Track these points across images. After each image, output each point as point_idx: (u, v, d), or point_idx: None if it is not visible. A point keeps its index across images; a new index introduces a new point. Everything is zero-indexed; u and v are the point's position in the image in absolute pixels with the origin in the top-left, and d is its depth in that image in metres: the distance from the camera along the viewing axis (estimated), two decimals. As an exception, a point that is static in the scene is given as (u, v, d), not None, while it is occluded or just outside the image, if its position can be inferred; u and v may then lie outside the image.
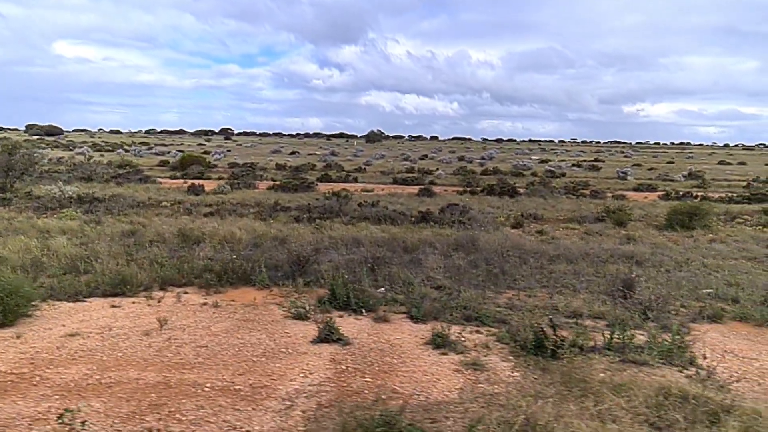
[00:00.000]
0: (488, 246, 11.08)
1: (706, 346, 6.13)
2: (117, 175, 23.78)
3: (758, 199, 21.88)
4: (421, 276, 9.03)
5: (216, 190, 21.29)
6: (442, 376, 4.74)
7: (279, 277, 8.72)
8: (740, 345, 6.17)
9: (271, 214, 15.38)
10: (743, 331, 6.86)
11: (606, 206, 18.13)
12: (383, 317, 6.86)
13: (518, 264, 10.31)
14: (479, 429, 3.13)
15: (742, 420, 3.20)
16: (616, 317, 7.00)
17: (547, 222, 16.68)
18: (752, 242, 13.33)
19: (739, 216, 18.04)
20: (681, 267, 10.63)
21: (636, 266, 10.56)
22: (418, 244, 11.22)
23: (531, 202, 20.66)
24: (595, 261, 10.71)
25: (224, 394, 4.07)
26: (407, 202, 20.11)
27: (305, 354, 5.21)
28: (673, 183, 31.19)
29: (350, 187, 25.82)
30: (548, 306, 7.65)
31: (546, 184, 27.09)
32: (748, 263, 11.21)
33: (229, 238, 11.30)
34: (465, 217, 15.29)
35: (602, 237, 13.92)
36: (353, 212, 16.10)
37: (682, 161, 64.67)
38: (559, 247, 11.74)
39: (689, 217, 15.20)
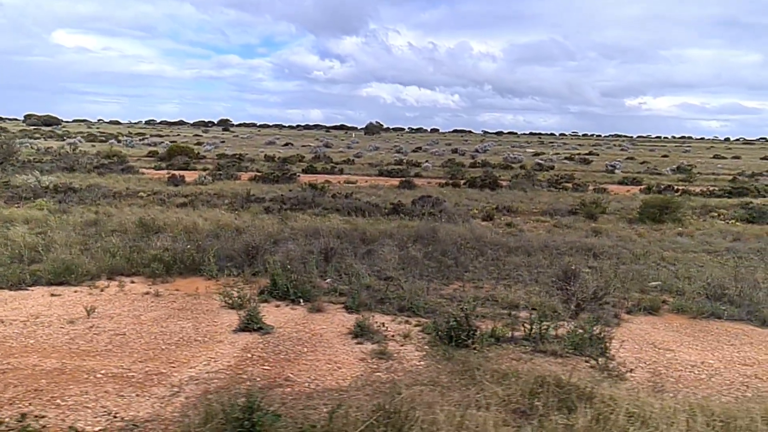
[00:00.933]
0: (447, 238, 11.12)
1: (631, 337, 6.20)
2: (100, 166, 23.82)
3: (739, 193, 21.87)
4: (372, 267, 9.09)
5: (196, 181, 21.32)
6: (345, 364, 4.80)
7: (230, 267, 8.78)
8: (665, 336, 6.22)
9: (243, 205, 15.42)
10: (676, 322, 6.91)
11: (582, 199, 18.13)
12: (319, 307, 6.93)
13: (475, 256, 10.37)
14: (339, 414, 3.19)
15: (596, 408, 3.25)
16: (551, 308, 7.05)
17: (520, 214, 16.72)
18: (718, 236, 13.36)
19: (715, 210, 18.05)
20: (638, 260, 10.68)
21: (592, 258, 10.63)
22: (378, 236, 11.26)
23: (510, 195, 20.67)
24: (552, 253, 10.77)
25: (114, 381, 4.15)
26: (385, 194, 20.14)
27: (220, 342, 5.28)
28: (659, 176, 31.15)
29: (334, 178, 25.86)
30: (489, 297, 7.71)
31: (531, 177, 27.08)
32: (707, 256, 11.25)
33: (191, 228, 11.36)
34: (436, 209, 15.33)
35: (570, 230, 13.96)
36: (326, 204, 16.14)
37: (677, 155, 64.48)
38: (521, 239, 11.79)
39: (660, 211, 15.23)
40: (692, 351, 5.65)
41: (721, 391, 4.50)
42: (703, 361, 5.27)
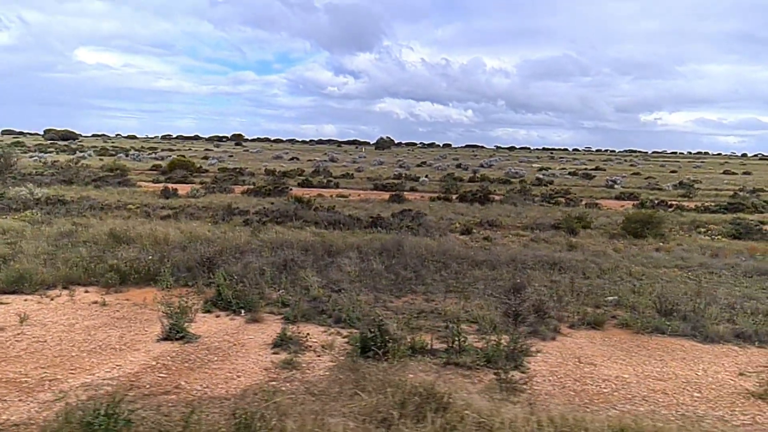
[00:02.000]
0: (413, 251, 11.13)
1: (561, 351, 6.14)
2: (98, 179, 24.32)
3: (734, 209, 21.53)
4: (329, 279, 9.13)
5: (189, 194, 21.65)
6: (247, 373, 4.84)
7: (185, 278, 8.91)
8: (596, 351, 6.15)
9: (224, 218, 15.61)
10: (617, 337, 6.82)
11: (568, 214, 18.03)
12: (257, 318, 6.99)
13: (438, 269, 10.36)
14: (193, 420, 3.24)
15: (448, 418, 3.24)
16: (490, 321, 7.03)
17: (503, 229, 16.65)
18: (697, 251, 13.16)
19: (704, 225, 17.79)
20: (604, 274, 10.57)
21: (558, 273, 10.55)
22: (344, 248, 11.31)
23: (499, 209, 20.60)
24: (517, 267, 10.70)
25: (5, 386, 4.24)
26: (373, 207, 20.20)
27: (136, 351, 5.36)
28: (659, 192, 30.80)
29: (328, 192, 26.06)
30: (433, 310, 7.70)
31: (526, 191, 26.98)
32: (678, 272, 11.09)
33: (162, 239, 11.54)
34: (415, 223, 15.35)
35: (546, 244, 13.86)
36: (307, 217, 16.25)
37: (687, 170, 63.65)
38: (490, 253, 11.74)
39: (642, 226, 15.06)
40: (615, 365, 5.58)
41: (616, 404, 4.44)
42: (618, 376, 5.20)
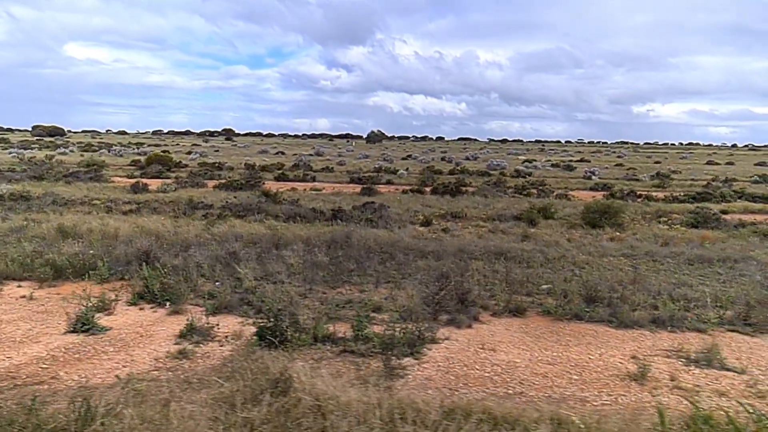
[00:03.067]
0: (360, 243, 11.20)
1: (470, 338, 6.23)
2: (69, 174, 24.21)
3: (702, 199, 21.72)
4: (266, 271, 9.19)
5: (159, 189, 21.61)
6: (136, 364, 4.91)
7: (121, 272, 8.94)
8: (506, 338, 6.24)
9: (186, 212, 15.61)
10: (534, 324, 6.92)
11: (533, 205, 18.14)
12: (180, 310, 7.04)
13: (383, 260, 10.44)
14: (38, 404, 3.31)
15: (286, 401, 3.32)
16: (410, 310, 7.11)
17: (466, 220, 16.75)
18: (649, 240, 13.30)
19: (667, 215, 17.94)
20: (548, 263, 10.69)
21: (503, 262, 10.66)
22: (293, 240, 11.37)
23: (468, 201, 20.69)
24: (463, 257, 10.79)
25: None
26: (343, 200, 20.23)
27: (37, 343, 5.42)
28: (636, 182, 30.99)
29: (302, 185, 26.06)
30: (361, 300, 7.77)
31: (501, 183, 27.08)
32: (623, 260, 11.21)
33: (112, 234, 11.55)
34: (376, 215, 15.42)
35: (503, 235, 13.97)
36: (270, 210, 16.29)
37: (673, 161, 63.99)
38: (440, 244, 11.83)
39: (600, 216, 15.19)
40: (515, 351, 5.68)
41: (488, 387, 4.53)
42: (511, 361, 5.29)
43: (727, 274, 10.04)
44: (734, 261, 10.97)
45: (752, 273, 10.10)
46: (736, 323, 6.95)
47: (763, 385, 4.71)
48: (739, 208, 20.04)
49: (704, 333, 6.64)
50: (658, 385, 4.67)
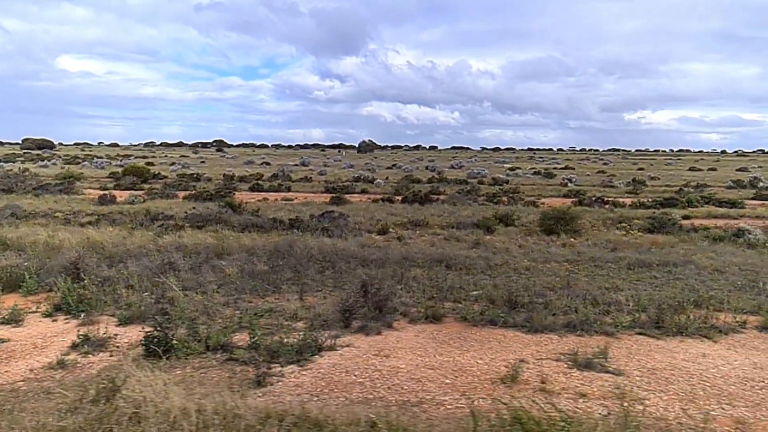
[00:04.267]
0: (303, 251, 11.22)
1: (374, 345, 6.24)
2: (39, 187, 24.15)
3: (668, 204, 21.88)
4: (197, 282, 9.18)
5: (126, 200, 21.59)
6: (9, 374, 4.90)
7: (50, 284, 8.91)
8: (408, 344, 6.25)
9: (143, 223, 15.60)
10: (447, 330, 6.93)
11: (495, 212, 18.23)
12: (92, 321, 7.02)
13: (322, 269, 10.46)
14: None
15: (103, 408, 3.33)
16: (324, 318, 7.13)
17: (427, 228, 16.80)
18: (599, 246, 13.38)
19: (629, 220, 18.05)
20: (490, 270, 10.73)
21: (444, 269, 10.70)
22: (237, 250, 11.38)
23: (435, 209, 20.76)
24: (403, 265, 10.82)
25: None
26: (310, 209, 20.26)
27: None
28: (611, 189, 31.20)
29: (275, 195, 26.10)
30: (280, 309, 7.78)
31: (474, 191, 27.21)
32: (567, 266, 11.27)
33: (56, 246, 11.53)
34: (333, 224, 15.45)
35: (456, 242, 14.02)
36: (231, 220, 16.29)
37: (657, 168, 64.47)
38: (385, 252, 11.86)
39: (555, 223, 15.28)
40: (408, 357, 5.69)
41: (352, 392, 4.54)
42: (395, 366, 5.30)
43: (663, 278, 10.12)
44: (673, 265, 11.05)
45: (687, 277, 10.18)
46: (647, 326, 7.00)
47: (630, 386, 4.74)
48: (702, 213, 20.19)
49: (611, 336, 6.69)
50: (525, 387, 4.69)
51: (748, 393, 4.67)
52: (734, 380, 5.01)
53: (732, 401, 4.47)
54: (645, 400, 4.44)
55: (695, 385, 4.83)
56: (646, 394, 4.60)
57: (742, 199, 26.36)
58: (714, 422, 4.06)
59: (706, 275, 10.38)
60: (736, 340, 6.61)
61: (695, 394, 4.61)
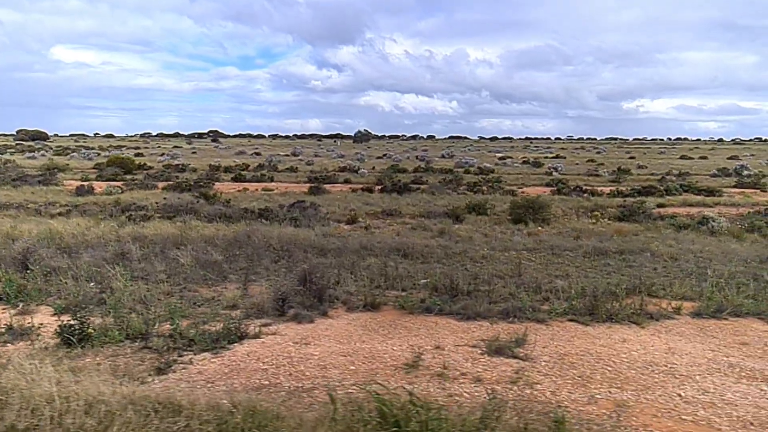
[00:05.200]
0: (261, 241, 11.25)
1: (301, 333, 6.28)
2: (19, 178, 24.12)
3: (647, 193, 21.91)
4: (146, 271, 9.22)
5: (104, 191, 21.58)
6: None
7: (1, 274, 8.95)
8: (336, 332, 6.28)
9: (113, 214, 15.61)
10: (381, 318, 6.96)
11: (470, 201, 18.27)
12: (28, 310, 7.07)
13: (278, 258, 10.50)
14: None
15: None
16: (259, 307, 7.18)
17: (399, 217, 16.84)
18: (564, 235, 13.42)
19: (602, 209, 18.09)
20: (446, 258, 10.77)
21: (401, 258, 10.75)
22: (196, 240, 11.41)
23: (412, 199, 20.79)
24: (360, 254, 10.86)
25: None
26: (285, 199, 20.27)
27: None
28: (596, 178, 31.22)
29: (257, 186, 26.08)
30: (218, 298, 7.82)
31: (457, 180, 27.21)
32: (525, 254, 11.31)
33: (17, 236, 11.55)
34: (303, 213, 15.48)
35: (423, 231, 14.05)
36: (202, 211, 16.31)
37: (649, 156, 64.45)
38: (346, 241, 11.89)
39: (524, 211, 15.31)
40: (327, 345, 5.73)
41: (251, 378, 4.60)
42: (310, 354, 5.35)
43: (615, 266, 10.17)
44: (630, 253, 11.10)
45: (640, 264, 10.23)
46: (580, 313, 7.05)
47: (531, 371, 4.80)
48: (678, 202, 20.24)
49: (542, 323, 6.74)
50: (424, 373, 4.74)
51: (645, 377, 4.72)
52: (639, 365, 5.06)
53: (624, 385, 4.52)
54: (537, 384, 4.49)
55: (596, 370, 4.88)
56: (542, 379, 4.64)
57: (723, 187, 26.42)
58: (594, 404, 4.11)
59: (659, 262, 10.44)
60: (665, 326, 6.67)
61: (592, 378, 4.66)
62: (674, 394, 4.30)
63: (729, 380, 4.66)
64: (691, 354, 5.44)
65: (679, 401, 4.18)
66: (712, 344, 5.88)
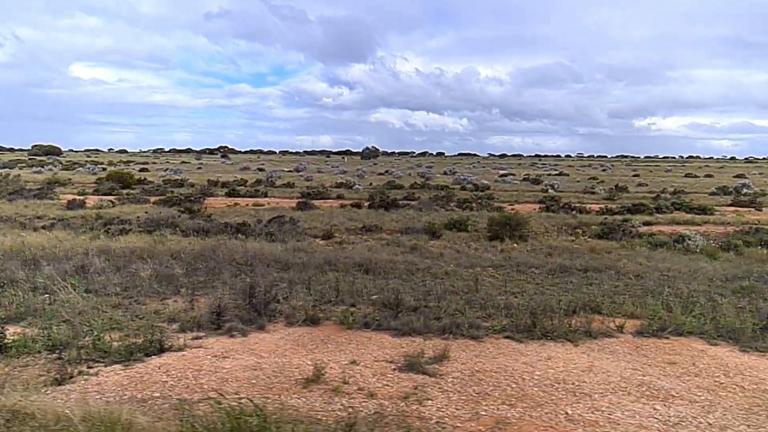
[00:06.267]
0: (225, 255, 11.32)
1: (224, 347, 6.28)
2: (15, 192, 24.58)
3: (636, 211, 21.70)
4: (107, 283, 9.31)
5: (95, 206, 21.89)
6: None
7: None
8: (263, 347, 6.25)
9: (94, 227, 15.82)
10: (317, 334, 6.91)
11: (451, 218, 18.24)
12: (-31, 320, 7.14)
13: (239, 272, 10.54)
14: None
15: None
16: (195, 320, 7.20)
17: (379, 233, 16.83)
18: (535, 252, 13.31)
19: (585, 226, 17.93)
20: (409, 274, 10.73)
21: (363, 273, 10.74)
22: (163, 253, 11.51)
23: (396, 215, 20.77)
24: (324, 269, 10.87)
25: None
26: (271, 214, 20.37)
27: None
28: (591, 195, 31.02)
29: (250, 201, 26.29)
30: (163, 311, 7.86)
31: (448, 197, 27.19)
32: (489, 269, 11.25)
33: (-12, 248, 11.74)
34: (279, 229, 15.56)
35: (397, 246, 14.02)
36: (182, 225, 16.46)
37: (655, 175, 63.90)
38: (312, 256, 11.91)
39: (501, 228, 15.24)
40: (247, 359, 5.72)
41: (142, 391, 4.60)
42: (219, 367, 5.33)
43: (577, 283, 10.05)
44: (595, 270, 10.98)
45: (601, 282, 10.11)
46: (516, 330, 6.98)
47: (431, 388, 4.73)
48: (667, 220, 20.00)
49: (476, 339, 6.68)
50: (320, 388, 4.70)
51: (544, 395, 4.64)
52: (547, 383, 4.97)
53: (518, 402, 4.44)
54: (429, 400, 4.43)
55: (499, 387, 4.80)
56: (437, 395, 4.58)
57: (719, 205, 26.09)
58: (475, 421, 4.04)
59: (623, 280, 10.31)
60: (600, 344, 6.57)
61: (488, 396, 4.59)
62: (562, 413, 4.21)
63: (628, 399, 4.57)
64: (608, 372, 5.35)
65: (562, 419, 4.10)
66: (638, 363, 5.78)
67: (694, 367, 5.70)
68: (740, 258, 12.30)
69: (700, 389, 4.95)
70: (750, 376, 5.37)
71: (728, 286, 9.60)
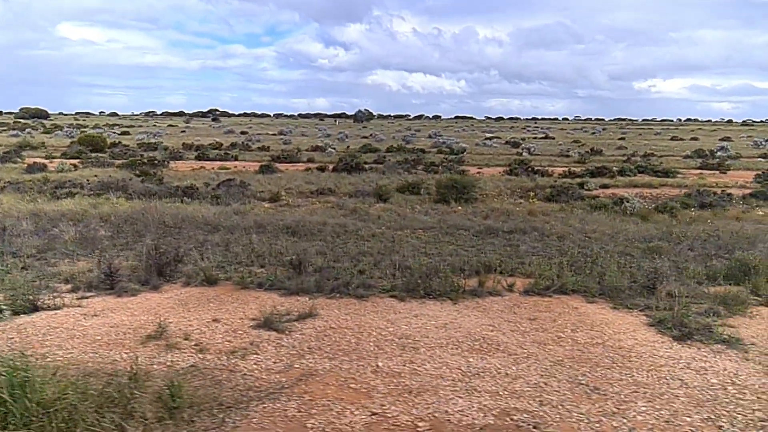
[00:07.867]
0: (155, 218, 11.38)
1: (107, 305, 6.41)
2: (-21, 155, 24.41)
3: (599, 174, 21.72)
4: (25, 245, 9.39)
5: (56, 169, 21.82)
6: None
7: None
8: (144, 307, 6.36)
9: (41, 191, 15.82)
10: (210, 293, 7.00)
11: (406, 180, 18.26)
12: None
13: (165, 234, 10.62)
14: None
15: None
16: (90, 281, 7.32)
17: (332, 196, 16.90)
18: (472, 215, 13.40)
19: (540, 189, 17.99)
20: (335, 237, 10.82)
21: (290, 236, 10.84)
22: (94, 216, 11.57)
23: (357, 178, 20.79)
24: (252, 231, 10.95)
25: None
26: (233, 178, 20.35)
27: None
28: (565, 158, 30.97)
29: (217, 164, 26.20)
30: (63, 272, 7.96)
31: (417, 161, 27.10)
32: (419, 231, 11.35)
33: None
34: (227, 192, 15.59)
35: (339, 209, 14.10)
36: (134, 187, 16.48)
37: (643, 138, 63.47)
38: (244, 219, 12.00)
39: (448, 191, 15.29)
40: (120, 317, 5.81)
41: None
42: (85, 325, 5.47)
43: (499, 244, 10.18)
44: (520, 232, 11.10)
45: (521, 242, 10.23)
46: (402, 289, 7.11)
47: (267, 344, 4.88)
48: (625, 183, 20.06)
49: (362, 298, 6.80)
50: (159, 344, 4.84)
51: (373, 348, 4.78)
52: (390, 338, 5.11)
53: (341, 356, 4.58)
54: (254, 355, 4.58)
55: (336, 343, 4.94)
56: (271, 349, 4.73)
57: (687, 168, 26.12)
58: (284, 374, 4.19)
59: (544, 242, 10.43)
60: (479, 303, 6.69)
61: (318, 350, 4.73)
62: (372, 365, 4.36)
63: (451, 352, 4.72)
64: (459, 328, 5.49)
65: (368, 371, 4.25)
66: (500, 320, 5.92)
67: (552, 323, 5.86)
68: (672, 219, 12.42)
69: (535, 343, 5.11)
70: (595, 331, 5.52)
71: (641, 247, 9.73)
